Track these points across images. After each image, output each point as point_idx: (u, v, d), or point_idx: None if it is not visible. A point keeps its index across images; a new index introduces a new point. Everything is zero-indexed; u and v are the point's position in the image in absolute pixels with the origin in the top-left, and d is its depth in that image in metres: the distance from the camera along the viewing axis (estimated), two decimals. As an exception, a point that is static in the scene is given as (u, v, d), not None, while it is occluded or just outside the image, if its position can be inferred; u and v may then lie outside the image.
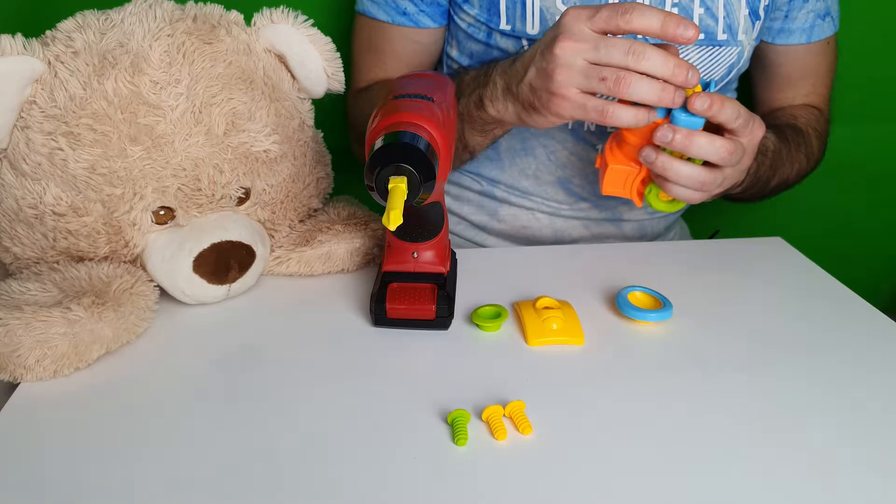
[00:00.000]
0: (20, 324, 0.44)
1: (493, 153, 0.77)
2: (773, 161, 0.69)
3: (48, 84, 0.48)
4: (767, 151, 0.68)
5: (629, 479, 0.39)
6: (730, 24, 0.69)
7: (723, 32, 0.69)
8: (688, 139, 0.53)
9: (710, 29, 0.68)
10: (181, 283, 0.53)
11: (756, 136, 0.56)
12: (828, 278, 0.62)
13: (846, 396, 0.46)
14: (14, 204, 0.50)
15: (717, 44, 0.69)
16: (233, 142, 0.53)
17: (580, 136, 0.73)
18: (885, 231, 1.07)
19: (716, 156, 0.54)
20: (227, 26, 0.55)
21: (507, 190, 0.79)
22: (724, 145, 0.53)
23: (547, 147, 0.74)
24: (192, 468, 0.40)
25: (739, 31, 0.70)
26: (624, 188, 0.61)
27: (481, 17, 0.69)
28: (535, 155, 0.75)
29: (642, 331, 0.53)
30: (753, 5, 0.70)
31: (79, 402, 0.45)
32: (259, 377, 0.47)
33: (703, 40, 0.69)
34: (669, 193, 0.57)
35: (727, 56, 0.71)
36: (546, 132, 0.74)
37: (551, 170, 0.75)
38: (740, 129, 0.54)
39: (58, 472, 0.39)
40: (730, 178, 0.57)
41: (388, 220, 0.40)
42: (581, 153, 0.74)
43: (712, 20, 0.68)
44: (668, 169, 0.55)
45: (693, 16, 0.68)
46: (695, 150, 0.53)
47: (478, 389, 0.46)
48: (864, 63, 0.91)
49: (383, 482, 0.39)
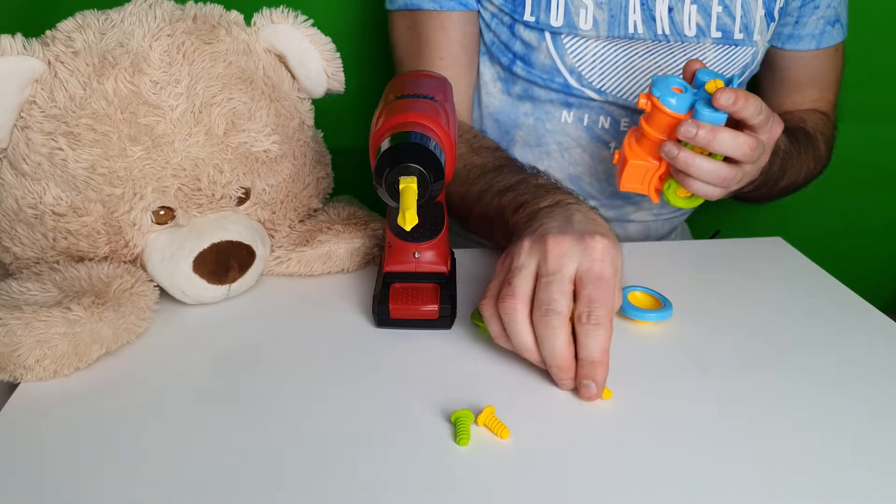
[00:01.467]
0: (20, 324, 0.44)
1: (508, 146, 0.77)
2: (784, 162, 0.69)
3: (48, 84, 0.48)
4: (779, 151, 0.68)
5: (629, 478, 0.39)
6: (746, 24, 0.69)
7: (739, 32, 0.69)
8: (712, 134, 0.53)
9: (727, 28, 0.69)
10: (181, 283, 0.53)
11: (775, 133, 0.56)
12: (828, 278, 0.62)
13: (846, 396, 0.46)
14: (14, 204, 0.50)
15: (733, 43, 0.70)
16: (233, 142, 0.53)
17: (594, 134, 0.74)
18: (886, 231, 1.07)
19: (738, 151, 0.54)
20: (226, 26, 0.55)
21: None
22: (747, 141, 0.53)
23: (561, 144, 0.75)
24: (192, 467, 0.40)
25: (755, 32, 0.70)
26: (642, 184, 0.61)
27: (506, 6, 0.69)
28: (548, 151, 0.75)
29: (642, 331, 0.53)
30: (769, 6, 0.70)
31: (79, 401, 0.45)
32: (259, 377, 0.47)
33: (719, 39, 0.69)
34: (690, 189, 0.57)
35: (742, 56, 0.71)
36: (561, 128, 0.74)
37: (563, 166, 0.76)
38: (761, 126, 0.55)
39: (58, 472, 0.39)
40: (748, 175, 0.58)
41: (405, 220, 0.40)
42: (594, 151, 0.75)
43: (730, 19, 0.69)
44: (690, 165, 0.55)
45: (711, 13, 0.68)
46: (718, 146, 0.53)
47: (477, 389, 0.46)
48: (866, 62, 0.91)
49: (384, 481, 0.39)
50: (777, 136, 0.57)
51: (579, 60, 0.69)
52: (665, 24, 0.68)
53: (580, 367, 0.44)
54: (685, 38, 0.69)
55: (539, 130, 0.75)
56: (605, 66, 0.69)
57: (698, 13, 0.68)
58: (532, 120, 0.74)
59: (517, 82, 0.73)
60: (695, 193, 0.58)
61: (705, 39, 0.69)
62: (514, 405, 0.44)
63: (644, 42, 0.69)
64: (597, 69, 0.70)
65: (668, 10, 0.68)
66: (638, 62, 0.69)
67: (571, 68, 0.69)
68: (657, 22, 0.68)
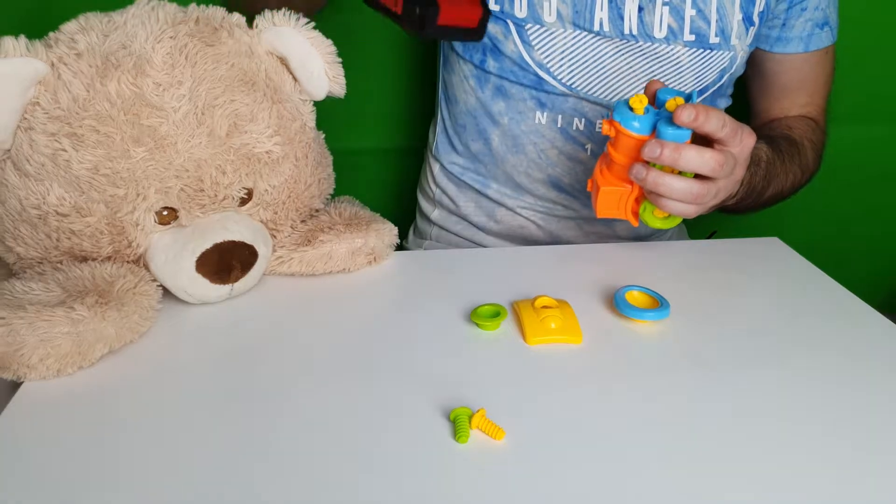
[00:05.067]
0: (24, 323, 0.45)
1: (486, 149, 0.77)
2: (768, 172, 0.69)
3: (51, 85, 0.49)
4: (761, 162, 0.68)
5: (628, 477, 0.40)
6: (723, 28, 0.69)
7: (715, 36, 0.69)
8: (676, 153, 0.53)
9: (701, 32, 0.68)
10: (184, 283, 0.53)
11: (746, 145, 0.56)
12: (825, 278, 0.62)
13: (843, 395, 0.47)
14: (17, 204, 0.51)
15: (708, 47, 0.69)
16: (235, 143, 0.54)
17: (569, 136, 0.74)
18: (882, 231, 1.07)
19: (706, 167, 0.53)
20: (229, 28, 0.55)
21: (499, 191, 0.79)
22: (714, 156, 0.53)
23: (537, 145, 0.75)
24: (194, 466, 0.40)
25: (733, 36, 0.70)
26: (618, 209, 0.61)
27: None
28: (525, 152, 0.75)
29: (640, 330, 0.54)
30: (747, 10, 0.70)
31: (82, 400, 0.45)
32: (261, 376, 0.48)
33: (693, 42, 0.69)
34: (664, 209, 0.57)
35: (719, 60, 0.71)
36: (536, 129, 0.74)
37: (542, 167, 0.76)
38: (728, 139, 0.54)
39: (61, 471, 0.39)
40: (724, 190, 0.57)
41: None
42: (570, 152, 0.75)
43: (704, 23, 0.68)
44: (659, 184, 0.55)
45: (684, 17, 0.68)
46: (684, 164, 0.53)
47: (476, 388, 0.46)
48: (863, 64, 0.91)
49: (384, 479, 0.39)
50: (750, 147, 0.57)
51: (546, 54, 0.69)
52: (633, 24, 0.68)
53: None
54: (654, 40, 0.68)
55: (514, 131, 0.75)
56: (573, 61, 0.69)
57: (670, 15, 0.68)
58: (507, 119, 0.74)
59: (489, 79, 0.73)
60: (670, 213, 0.58)
61: (676, 42, 0.68)
62: (514, 403, 0.45)
63: (612, 40, 0.68)
64: (565, 64, 0.69)
65: (637, 10, 0.67)
66: (608, 61, 0.69)
67: (539, 63, 0.69)
68: (625, 21, 0.67)
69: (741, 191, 0.65)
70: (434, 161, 0.85)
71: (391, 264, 0.64)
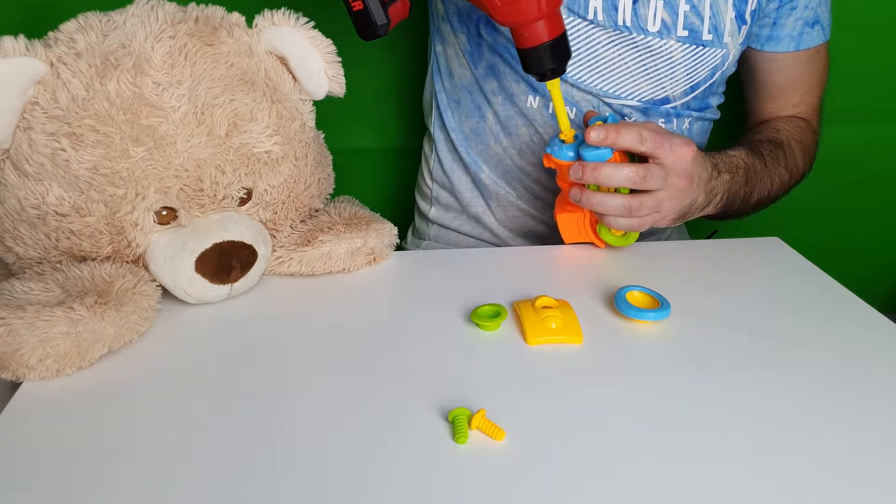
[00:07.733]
0: (23, 323, 0.45)
1: (481, 127, 0.77)
2: (748, 177, 0.69)
3: (51, 85, 0.49)
4: (739, 169, 0.68)
5: (628, 477, 0.39)
6: (716, 25, 0.69)
7: (708, 33, 0.69)
8: (596, 171, 0.57)
9: (695, 28, 0.69)
10: (183, 283, 0.53)
11: (682, 154, 0.59)
12: (825, 278, 0.62)
13: (843, 396, 0.47)
14: (17, 204, 0.51)
15: (701, 44, 0.69)
16: (234, 143, 0.53)
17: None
18: (883, 231, 1.07)
19: (628, 181, 0.57)
20: (228, 28, 0.55)
21: (490, 177, 0.79)
22: (634, 169, 0.57)
23: (528, 128, 0.75)
24: (194, 467, 0.40)
25: (725, 34, 0.70)
26: (580, 233, 0.65)
27: None
28: (518, 134, 0.76)
29: (640, 330, 0.54)
30: (740, 9, 0.70)
31: (81, 400, 0.45)
32: (260, 376, 0.48)
33: (686, 38, 0.69)
34: (608, 225, 0.61)
35: (711, 57, 0.71)
36: (528, 113, 0.74)
37: (535, 150, 0.76)
38: (654, 152, 0.58)
39: (60, 471, 0.39)
40: (669, 200, 0.60)
41: None
42: None
43: (697, 19, 0.68)
44: (594, 203, 0.59)
45: (678, 12, 0.68)
46: (605, 180, 0.57)
47: (477, 388, 0.46)
48: (863, 64, 0.92)
49: (383, 480, 0.39)
50: (688, 156, 0.59)
51: None
52: (627, 16, 0.67)
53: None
54: (647, 33, 0.68)
55: (508, 111, 0.75)
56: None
57: (664, 9, 0.67)
58: (500, 100, 0.74)
59: (483, 55, 0.74)
60: (615, 228, 0.61)
61: (669, 37, 0.68)
62: (514, 404, 0.45)
63: (605, 30, 0.68)
64: None
65: (632, 1, 0.67)
66: (601, 50, 0.69)
67: None
68: (619, 11, 0.67)
69: (721, 198, 0.67)
70: (430, 151, 0.84)
71: (391, 264, 0.64)
